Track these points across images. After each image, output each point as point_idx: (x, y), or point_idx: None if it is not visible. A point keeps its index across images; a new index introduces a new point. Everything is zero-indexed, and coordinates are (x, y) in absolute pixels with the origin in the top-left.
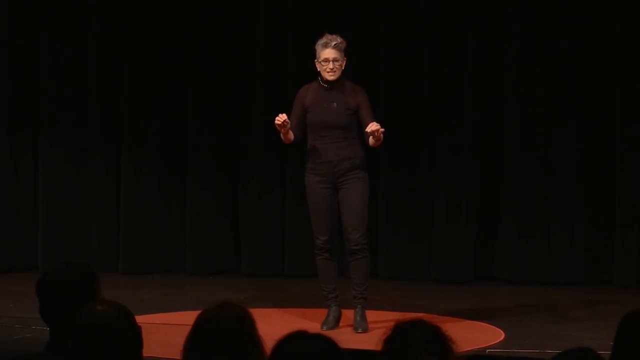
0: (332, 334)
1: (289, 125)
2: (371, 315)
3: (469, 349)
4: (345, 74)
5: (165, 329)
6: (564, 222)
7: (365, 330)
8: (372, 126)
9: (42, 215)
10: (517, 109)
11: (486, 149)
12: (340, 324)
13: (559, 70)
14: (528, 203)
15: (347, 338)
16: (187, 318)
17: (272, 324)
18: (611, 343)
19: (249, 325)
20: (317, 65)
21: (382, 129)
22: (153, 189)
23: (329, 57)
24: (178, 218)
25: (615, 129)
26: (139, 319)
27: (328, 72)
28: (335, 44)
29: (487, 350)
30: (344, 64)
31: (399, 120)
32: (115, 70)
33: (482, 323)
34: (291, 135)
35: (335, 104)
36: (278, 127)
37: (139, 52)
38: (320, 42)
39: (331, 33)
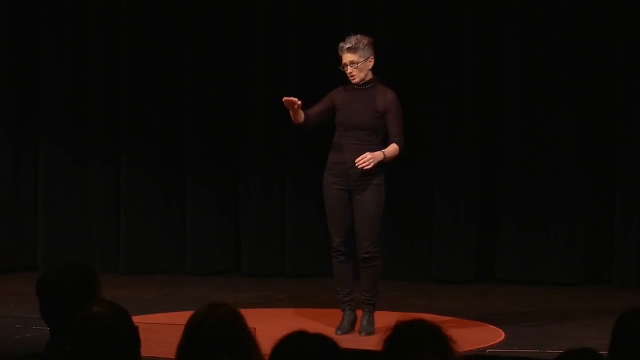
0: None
1: (298, 105)
2: None
3: (469, 349)
4: None
5: (165, 329)
6: (564, 222)
7: (369, 334)
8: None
9: (42, 215)
10: (517, 108)
11: (486, 148)
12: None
13: (560, 70)
14: (528, 203)
15: (347, 338)
16: (187, 318)
17: (272, 324)
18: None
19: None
20: None
21: (365, 164)
22: (153, 188)
23: (346, 61)
24: (178, 218)
25: (616, 129)
26: (139, 319)
27: (349, 76)
28: (348, 47)
29: (487, 350)
30: (368, 63)
31: None
32: (116, 70)
33: (482, 323)
34: (300, 117)
35: (362, 105)
36: (286, 105)
37: (139, 52)
38: (339, 47)
39: (355, 33)
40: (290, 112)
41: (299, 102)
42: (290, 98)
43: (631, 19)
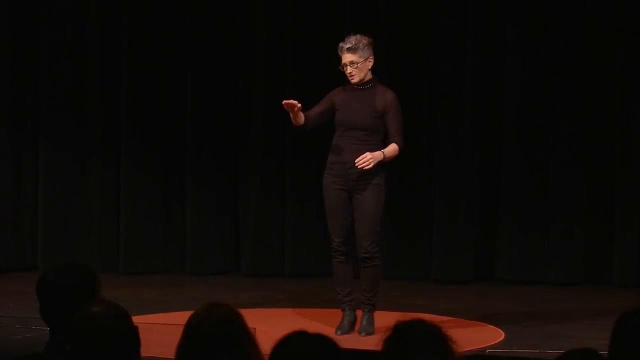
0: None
1: (298, 107)
2: None
3: (469, 349)
4: None
5: (165, 329)
6: (564, 222)
7: (369, 334)
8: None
9: (42, 215)
10: (517, 109)
11: (486, 149)
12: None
13: (560, 69)
14: (528, 203)
15: (347, 338)
16: (187, 318)
17: (272, 324)
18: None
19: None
20: None
21: (365, 164)
22: (153, 189)
23: (345, 62)
24: (178, 218)
25: (616, 129)
26: (139, 319)
27: (349, 76)
28: (348, 47)
29: (487, 350)
30: (368, 63)
31: None
32: (115, 71)
33: (482, 323)
34: (301, 119)
35: (361, 105)
36: (286, 108)
37: (139, 53)
38: (338, 47)
39: (355, 33)
40: (291, 114)
41: (299, 105)
42: (290, 101)
43: (631, 19)
